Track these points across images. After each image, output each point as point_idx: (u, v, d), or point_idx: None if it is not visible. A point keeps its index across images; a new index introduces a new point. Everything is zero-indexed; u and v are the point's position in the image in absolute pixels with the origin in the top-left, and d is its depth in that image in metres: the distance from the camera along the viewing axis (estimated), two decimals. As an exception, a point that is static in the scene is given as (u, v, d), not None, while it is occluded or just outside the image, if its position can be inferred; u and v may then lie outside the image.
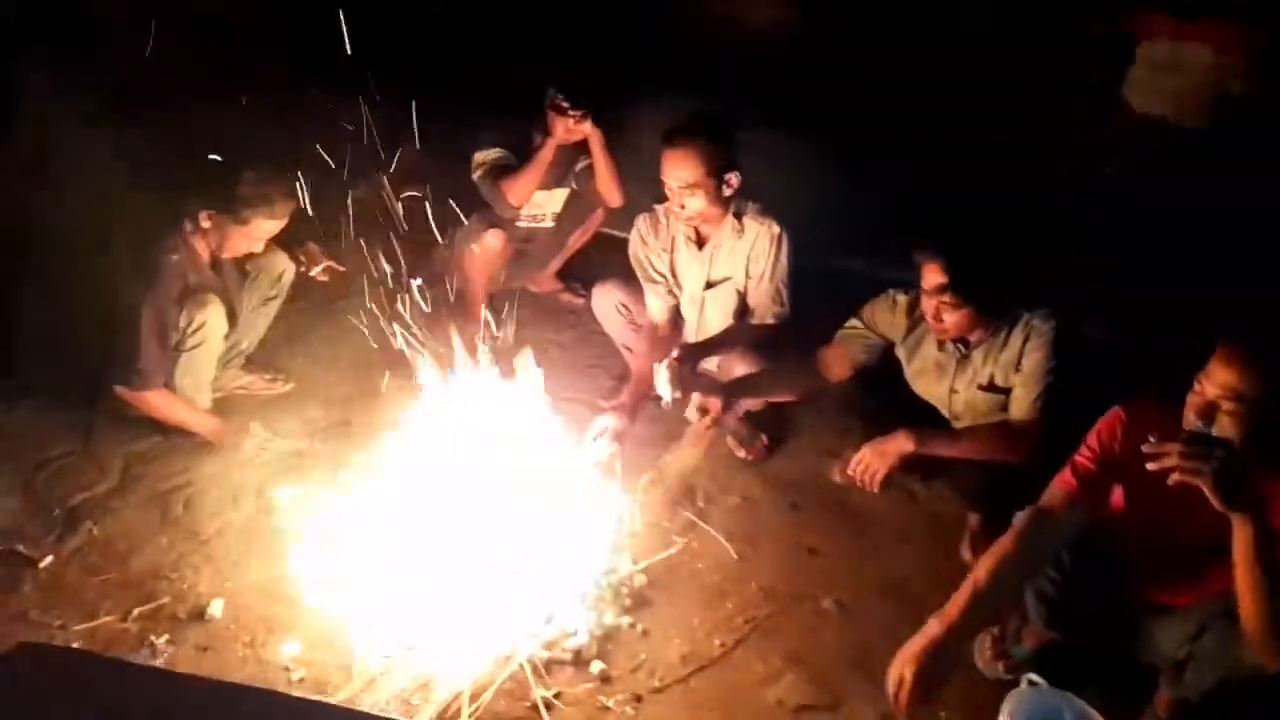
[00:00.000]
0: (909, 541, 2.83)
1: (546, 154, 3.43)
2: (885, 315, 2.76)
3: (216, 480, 2.91)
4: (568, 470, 2.76)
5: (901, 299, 2.72)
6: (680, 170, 2.88)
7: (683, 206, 2.94)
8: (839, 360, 2.82)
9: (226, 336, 3.04)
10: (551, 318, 3.90)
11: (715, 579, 2.64)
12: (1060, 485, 2.10)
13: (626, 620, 2.46)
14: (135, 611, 2.43)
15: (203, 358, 2.97)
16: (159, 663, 2.28)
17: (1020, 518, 2.09)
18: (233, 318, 3.05)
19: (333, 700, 2.16)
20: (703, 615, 2.51)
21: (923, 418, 2.78)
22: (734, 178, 2.94)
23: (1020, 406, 2.54)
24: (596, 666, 2.32)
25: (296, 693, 2.19)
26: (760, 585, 2.62)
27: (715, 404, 2.66)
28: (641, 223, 3.22)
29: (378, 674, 2.23)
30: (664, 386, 2.77)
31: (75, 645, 2.30)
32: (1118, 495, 2.11)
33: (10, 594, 2.47)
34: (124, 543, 2.66)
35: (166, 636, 2.35)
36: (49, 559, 2.58)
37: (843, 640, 2.47)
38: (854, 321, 2.81)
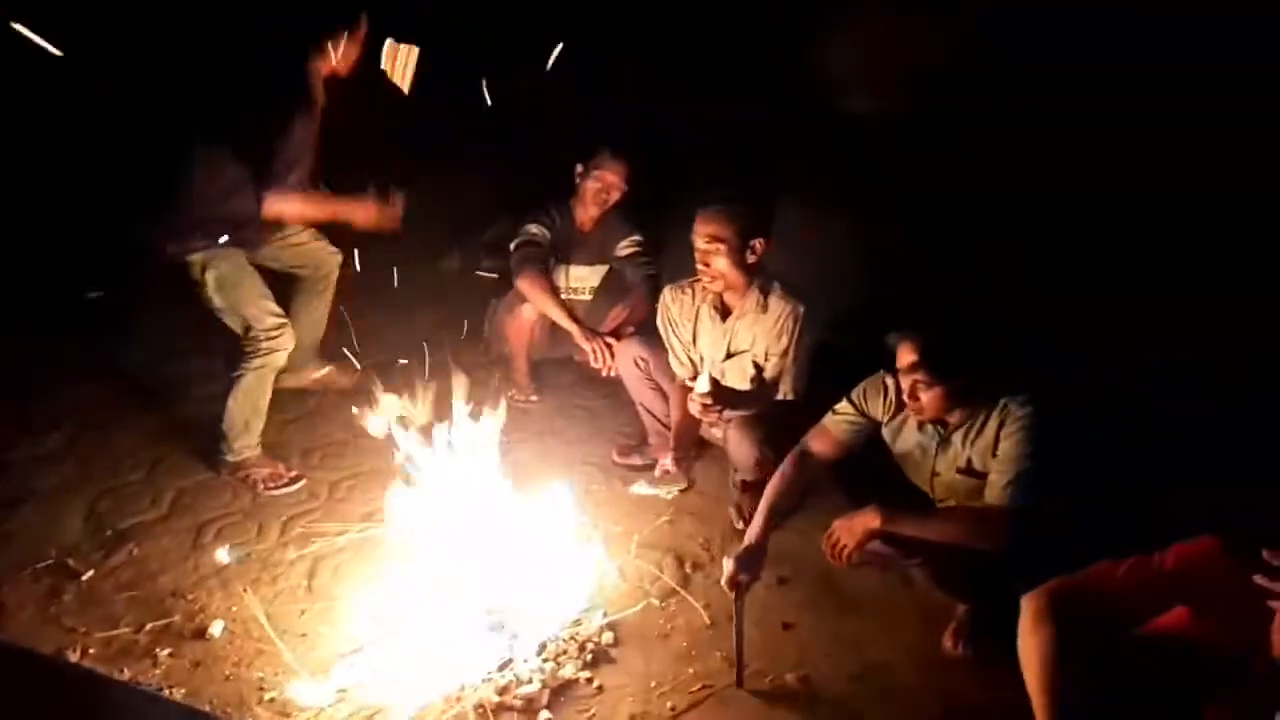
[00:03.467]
0: (895, 627, 2.76)
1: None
2: (875, 399, 2.77)
3: (249, 513, 3.19)
4: (554, 525, 2.87)
5: (891, 381, 2.73)
6: (707, 226, 3.06)
7: (707, 265, 3.09)
8: (825, 443, 2.84)
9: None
10: (589, 385, 4.06)
11: (683, 644, 2.67)
12: (1104, 576, 2.07)
13: (584, 674, 2.52)
14: (148, 626, 2.68)
15: None
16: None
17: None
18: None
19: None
20: (661, 678, 2.54)
21: (921, 496, 2.77)
22: (759, 244, 3.07)
23: (994, 491, 2.49)
24: (544, 717, 2.38)
25: (262, 712, 2.38)
26: (726, 655, 2.62)
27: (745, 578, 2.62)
28: (668, 292, 3.37)
29: (327, 705, 2.38)
30: (703, 383, 2.98)
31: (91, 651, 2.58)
32: (1179, 616, 2.05)
33: (52, 601, 2.78)
34: (156, 564, 2.95)
35: (169, 650, 2.59)
36: (90, 573, 2.89)
37: (798, 718, 2.44)
38: (844, 404, 2.82)
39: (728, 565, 2.55)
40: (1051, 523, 2.58)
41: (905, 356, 2.50)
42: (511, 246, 3.77)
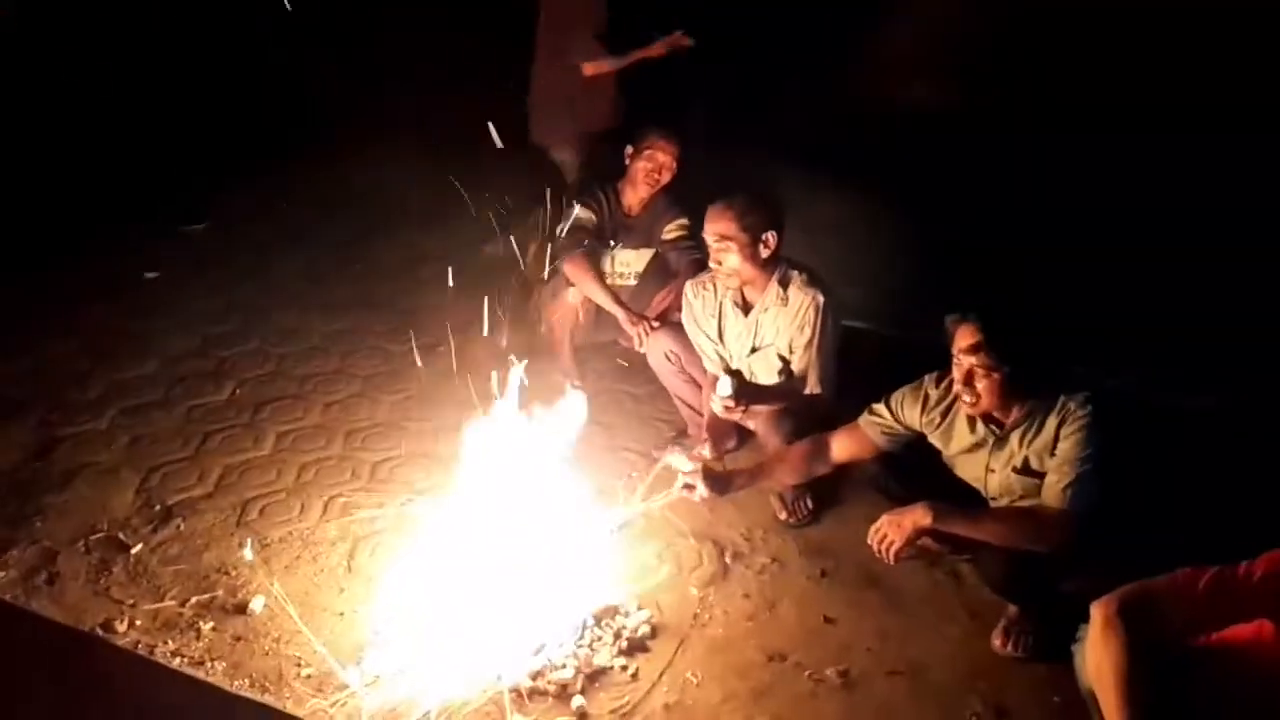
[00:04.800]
0: (940, 624, 2.69)
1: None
2: (913, 409, 2.66)
3: (292, 491, 3.23)
4: (595, 510, 2.85)
5: (933, 391, 2.62)
6: (716, 224, 3.01)
7: (719, 263, 3.04)
8: (859, 444, 2.75)
9: None
10: (634, 372, 4.01)
11: (720, 634, 2.63)
12: (1183, 585, 1.95)
13: (620, 662, 2.49)
14: (193, 600, 2.72)
15: None
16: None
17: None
18: None
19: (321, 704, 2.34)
20: (696, 668, 2.50)
21: (970, 495, 2.68)
22: (771, 238, 3.00)
23: (1051, 493, 2.39)
24: (577, 702, 2.36)
25: (299, 686, 2.40)
26: (765, 646, 2.57)
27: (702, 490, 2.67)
28: (689, 289, 3.32)
29: (363, 686, 2.38)
30: (724, 386, 2.96)
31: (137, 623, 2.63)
32: (1260, 628, 1.92)
33: (102, 573, 2.83)
34: (202, 539, 2.99)
35: (212, 624, 2.63)
36: (139, 546, 2.94)
37: (835, 712, 2.39)
38: (880, 408, 2.72)
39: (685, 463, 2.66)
40: (1112, 526, 2.49)
41: (966, 338, 2.39)
42: (559, 231, 3.75)
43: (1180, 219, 3.80)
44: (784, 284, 3.08)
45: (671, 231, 3.77)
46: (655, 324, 3.53)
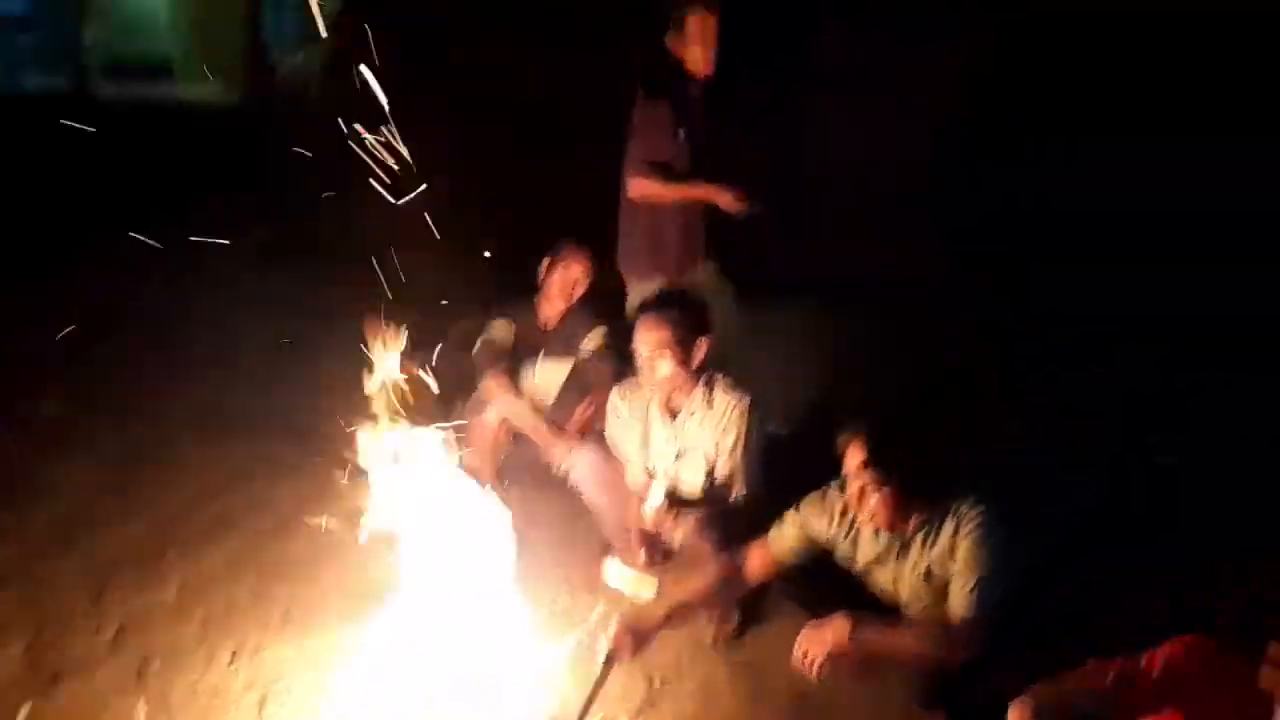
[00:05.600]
0: (874, 740, 2.66)
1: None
2: (820, 519, 2.72)
3: (199, 639, 3.06)
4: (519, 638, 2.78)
5: (837, 501, 2.68)
6: (650, 334, 3.05)
7: (653, 372, 3.06)
8: (763, 562, 2.79)
9: None
10: (558, 488, 3.96)
11: (650, 769, 2.55)
12: (1092, 679, 2.03)
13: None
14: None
15: None
16: None
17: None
18: None
19: None
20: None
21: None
22: (703, 343, 3.06)
23: (957, 599, 2.45)
24: None
25: None
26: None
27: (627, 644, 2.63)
28: (615, 395, 3.33)
29: None
30: (657, 494, 3.04)
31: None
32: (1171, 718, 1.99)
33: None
34: (99, 698, 2.78)
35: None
36: (27, 707, 2.71)
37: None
38: (786, 525, 2.77)
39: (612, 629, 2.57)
40: (1020, 622, 2.55)
41: (854, 456, 2.48)
42: (474, 348, 3.75)
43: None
44: (709, 387, 3.12)
45: (592, 340, 3.79)
46: (576, 439, 3.52)
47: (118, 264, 5.79)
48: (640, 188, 3.76)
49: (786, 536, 2.74)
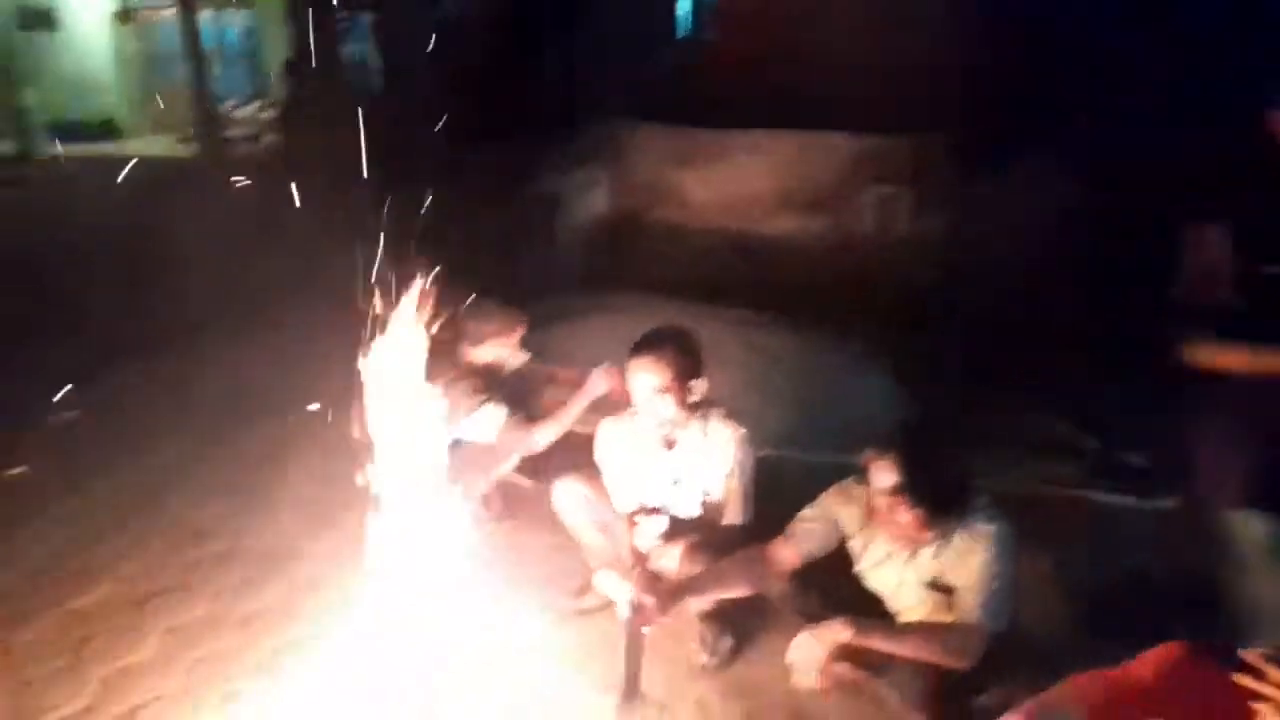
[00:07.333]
0: (870, 755, 2.69)
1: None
2: (842, 507, 2.77)
3: (187, 690, 3.00)
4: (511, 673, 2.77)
5: (858, 490, 2.71)
6: (650, 377, 3.04)
7: (656, 413, 3.08)
8: (789, 554, 2.83)
9: None
10: (533, 528, 3.93)
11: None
12: (1083, 692, 2.02)
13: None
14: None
15: None
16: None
17: None
18: None
19: None
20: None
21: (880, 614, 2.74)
22: (700, 384, 3.10)
23: (965, 610, 2.50)
24: None
25: None
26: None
27: (651, 603, 2.67)
28: (606, 427, 3.35)
29: None
30: (659, 523, 3.04)
31: None
32: None
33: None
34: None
35: None
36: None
37: None
38: (808, 512, 2.82)
39: (629, 594, 2.60)
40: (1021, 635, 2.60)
41: (884, 478, 2.51)
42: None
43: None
44: (705, 418, 3.16)
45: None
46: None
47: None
48: None
49: (811, 526, 2.77)
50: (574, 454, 3.61)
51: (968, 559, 2.52)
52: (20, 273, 7.12)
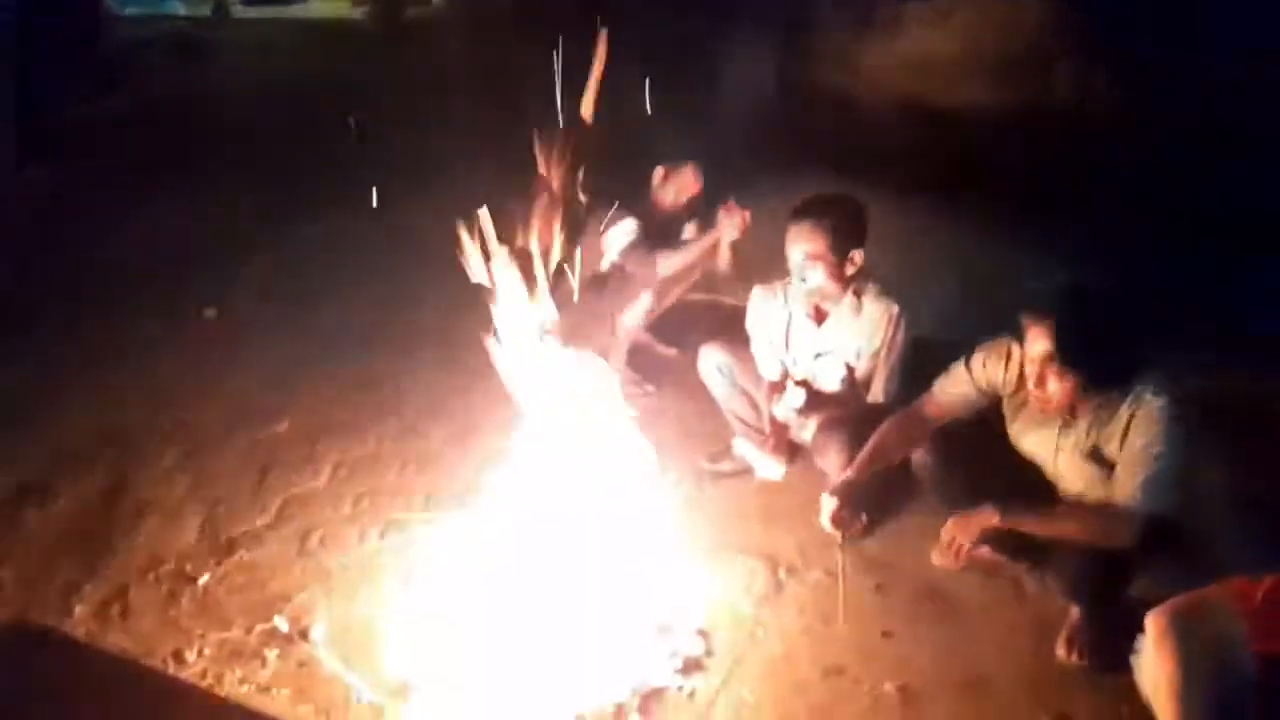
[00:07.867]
0: (1001, 636, 2.65)
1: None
2: (997, 365, 2.61)
3: (350, 520, 3.29)
4: (643, 530, 2.85)
5: (1017, 350, 2.54)
6: (805, 243, 2.96)
7: (804, 280, 3.01)
8: (933, 409, 2.75)
9: None
10: (676, 389, 3.96)
11: (776, 651, 2.61)
12: (1238, 595, 1.92)
13: (676, 681, 2.49)
14: (258, 628, 2.79)
15: None
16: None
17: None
18: None
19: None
20: (753, 686, 2.49)
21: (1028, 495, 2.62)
22: (858, 255, 2.99)
23: (1123, 488, 2.34)
24: (635, 721, 2.37)
25: (365, 711, 2.45)
26: (821, 663, 2.55)
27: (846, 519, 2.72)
28: (758, 294, 3.30)
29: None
30: (796, 397, 3.03)
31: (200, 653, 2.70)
32: None
33: (171, 605, 2.92)
34: (266, 569, 3.06)
35: (276, 651, 2.69)
36: (206, 577, 3.02)
37: (895, 727, 2.36)
38: (960, 370, 2.69)
39: (829, 502, 2.62)
40: (1183, 526, 2.43)
41: (1038, 343, 2.35)
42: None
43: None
44: (859, 294, 3.06)
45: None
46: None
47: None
48: None
49: (958, 385, 2.67)
50: (722, 325, 3.62)
51: (1130, 434, 2.34)
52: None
